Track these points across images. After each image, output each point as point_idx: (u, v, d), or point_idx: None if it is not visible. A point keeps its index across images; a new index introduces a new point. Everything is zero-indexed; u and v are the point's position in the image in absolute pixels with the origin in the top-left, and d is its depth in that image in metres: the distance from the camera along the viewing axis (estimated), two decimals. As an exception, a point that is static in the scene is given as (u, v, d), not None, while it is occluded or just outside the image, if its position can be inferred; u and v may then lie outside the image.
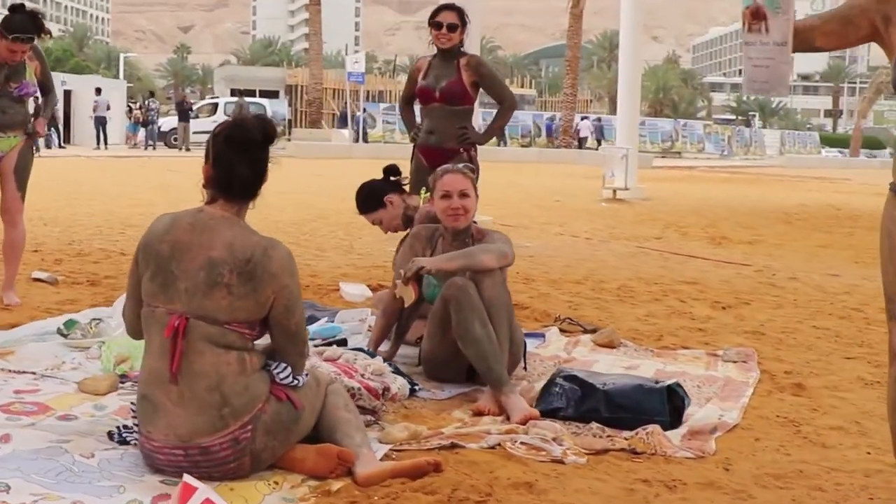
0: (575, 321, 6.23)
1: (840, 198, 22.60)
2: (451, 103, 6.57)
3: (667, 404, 4.04)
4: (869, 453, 3.92)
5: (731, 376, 5.01)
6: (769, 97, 8.19)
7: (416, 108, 7.01)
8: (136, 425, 3.48)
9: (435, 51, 6.75)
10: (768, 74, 3.02)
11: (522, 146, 49.99)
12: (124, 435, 3.54)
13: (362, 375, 3.94)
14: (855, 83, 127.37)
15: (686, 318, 6.78)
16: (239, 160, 3.27)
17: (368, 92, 53.47)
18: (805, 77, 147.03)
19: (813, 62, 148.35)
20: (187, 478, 2.90)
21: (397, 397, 4.01)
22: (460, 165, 4.84)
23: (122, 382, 4.34)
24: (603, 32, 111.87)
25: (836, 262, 10.51)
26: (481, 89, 6.78)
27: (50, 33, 6.07)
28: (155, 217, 3.44)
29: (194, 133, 38.50)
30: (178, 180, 20.31)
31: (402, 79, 79.14)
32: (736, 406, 4.44)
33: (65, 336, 5.10)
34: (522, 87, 66.88)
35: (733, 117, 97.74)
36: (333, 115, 51.09)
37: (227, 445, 3.17)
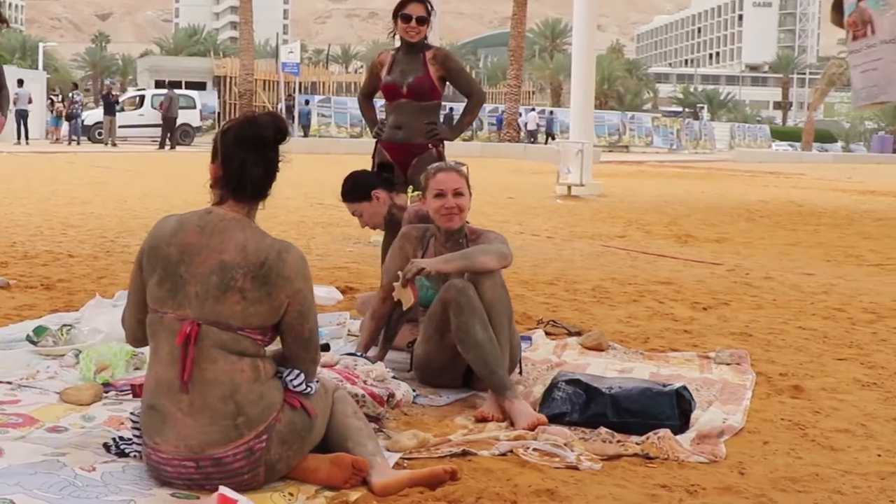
0: (558, 323, 6.33)
1: (799, 193, 22.97)
2: (419, 99, 6.59)
3: (676, 408, 4.13)
4: (879, 455, 4.04)
5: (727, 379, 5.13)
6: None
7: (378, 103, 7.04)
8: (137, 436, 3.51)
9: (397, 44, 6.77)
10: (878, 77, 3.10)
11: (464, 140, 50.17)
12: (122, 447, 3.56)
13: (364, 381, 3.99)
14: (804, 74, 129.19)
15: (668, 319, 6.91)
16: (251, 159, 3.30)
17: (300, 83, 53.43)
18: (753, 68, 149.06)
19: (762, 52, 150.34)
20: (224, 490, 2.94)
21: (402, 404, 4.07)
22: (452, 163, 4.90)
23: (106, 392, 4.36)
24: (545, 20, 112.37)
25: (807, 260, 10.72)
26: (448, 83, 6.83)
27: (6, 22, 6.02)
28: (92, 215, 3.50)
29: (120, 127, 38.18)
30: (109, 177, 20.17)
31: (336, 69, 79.13)
32: (739, 409, 4.55)
33: (34, 343, 5.09)
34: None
35: (680, 109, 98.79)
36: (264, 107, 50.87)
37: (242, 456, 3.20)
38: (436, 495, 3.28)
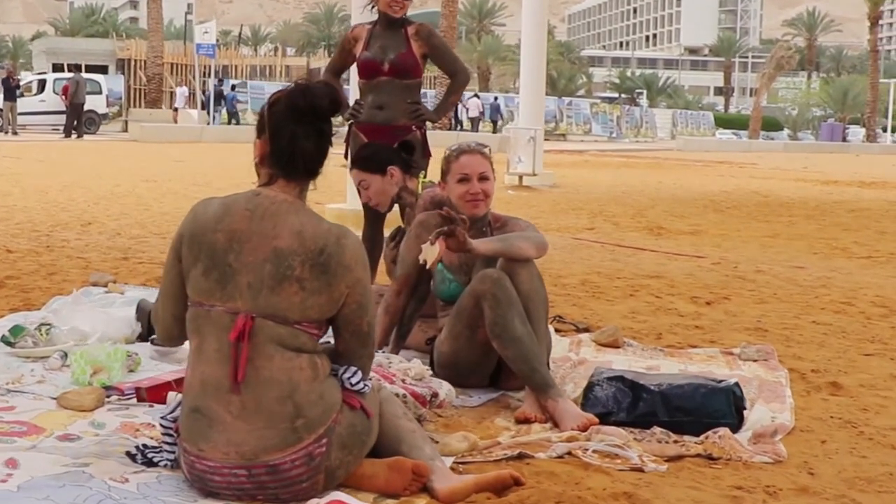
0: (565, 319, 6.34)
1: (759, 184, 23.29)
2: (401, 76, 6.54)
3: (732, 405, 4.16)
4: (945, 453, 4.11)
5: (761, 376, 5.17)
6: None
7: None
8: (168, 443, 3.44)
9: (372, 18, 6.71)
10: None
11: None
12: (150, 455, 3.49)
13: (402, 380, 3.96)
14: (747, 58, 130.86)
15: (672, 314, 6.95)
16: (302, 132, 3.23)
17: (212, 67, 53.04)
18: (693, 51, 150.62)
19: (701, 34, 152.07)
20: (339, 494, 2.89)
21: (445, 404, 4.04)
22: (474, 144, 4.86)
23: (108, 396, 4.27)
24: (472, 0, 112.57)
25: (793, 253, 10.87)
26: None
27: None
28: (16, 208, 3.44)
29: (21, 114, 37.51)
30: (21, 168, 19.85)
31: (247, 53, 78.46)
32: (784, 407, 4.59)
33: (11, 345, 4.97)
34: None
35: (616, 95, 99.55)
36: (172, 92, 50.33)
37: (301, 462, 3.14)
38: (510, 501, 3.26)
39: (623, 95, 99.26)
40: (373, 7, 6.65)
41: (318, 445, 3.16)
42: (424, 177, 5.66)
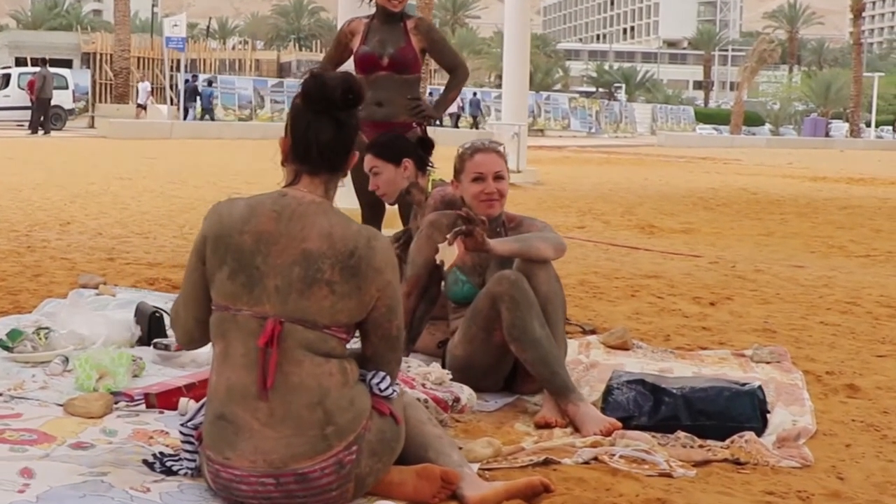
0: (570, 321, 6.35)
1: (747, 181, 23.43)
2: (401, 72, 6.57)
3: (757, 409, 4.18)
4: (971, 456, 4.15)
5: (776, 378, 5.19)
6: None
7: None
8: (189, 451, 3.43)
9: (370, 11, 6.71)
10: None
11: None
12: (168, 464, 3.49)
13: (423, 385, 3.97)
14: (727, 51, 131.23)
15: (677, 315, 6.99)
16: (317, 122, 3.22)
17: (181, 61, 52.87)
18: (671, 44, 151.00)
19: (680, 27, 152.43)
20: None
21: (466, 409, 4.06)
22: (487, 141, 4.88)
23: (116, 402, 4.26)
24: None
25: (790, 251, 10.94)
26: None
27: None
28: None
29: (-16, 112, 37.35)
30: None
31: (215, 46, 78.10)
32: (805, 410, 4.61)
33: (9, 350, 4.95)
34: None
35: (593, 89, 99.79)
36: (136, 86, 50.13)
37: (331, 471, 3.14)
38: (542, 508, 3.28)
39: (601, 90, 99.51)
40: (370, 0, 6.67)
41: (349, 453, 3.16)
42: (435, 175, 5.66)
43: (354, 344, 3.37)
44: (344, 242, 3.19)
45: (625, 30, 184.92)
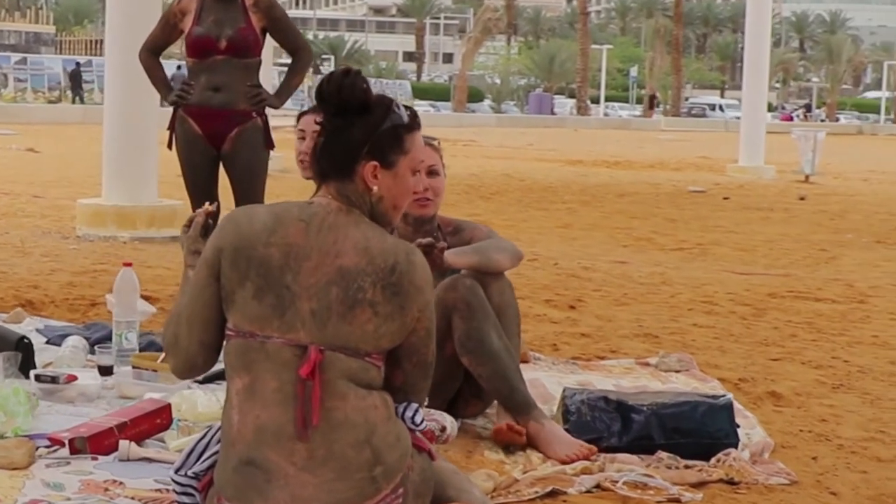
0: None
1: (503, 165, 24.13)
2: (240, 55, 6.50)
3: (734, 424, 4.44)
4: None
5: (697, 388, 5.48)
6: None
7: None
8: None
9: None
10: None
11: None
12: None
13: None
14: (439, 19, 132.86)
15: (545, 321, 7.22)
16: (322, 124, 3.24)
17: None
18: (378, 11, 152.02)
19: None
20: None
21: (450, 438, 4.16)
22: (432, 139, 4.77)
23: (38, 448, 4.14)
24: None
25: (599, 246, 11.49)
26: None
27: None
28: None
29: None
30: None
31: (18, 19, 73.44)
32: (752, 423, 4.91)
33: None
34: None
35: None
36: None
37: (376, 518, 3.14)
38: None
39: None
40: None
41: (395, 496, 3.14)
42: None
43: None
44: (383, 257, 3.14)
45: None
